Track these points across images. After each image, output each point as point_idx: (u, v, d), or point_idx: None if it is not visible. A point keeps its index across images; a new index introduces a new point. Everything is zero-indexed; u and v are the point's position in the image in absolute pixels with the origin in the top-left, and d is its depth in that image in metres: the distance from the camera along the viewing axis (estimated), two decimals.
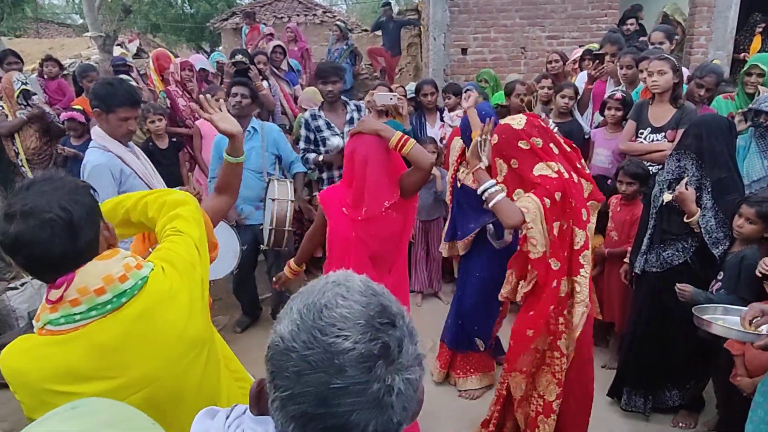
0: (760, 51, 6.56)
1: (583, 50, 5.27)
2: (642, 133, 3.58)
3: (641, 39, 5.60)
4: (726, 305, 2.34)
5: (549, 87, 4.52)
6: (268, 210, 3.33)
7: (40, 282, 4.19)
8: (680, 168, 2.78)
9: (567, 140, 2.51)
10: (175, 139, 4.65)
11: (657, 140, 3.51)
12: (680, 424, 3.01)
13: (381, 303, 0.75)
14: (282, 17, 13.54)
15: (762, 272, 2.36)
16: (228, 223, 3.42)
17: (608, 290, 3.53)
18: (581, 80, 4.74)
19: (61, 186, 1.23)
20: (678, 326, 2.74)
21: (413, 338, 0.76)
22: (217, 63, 6.28)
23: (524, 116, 2.39)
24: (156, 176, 2.86)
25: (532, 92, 4.39)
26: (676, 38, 5.36)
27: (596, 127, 4.27)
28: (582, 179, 2.44)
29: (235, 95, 3.80)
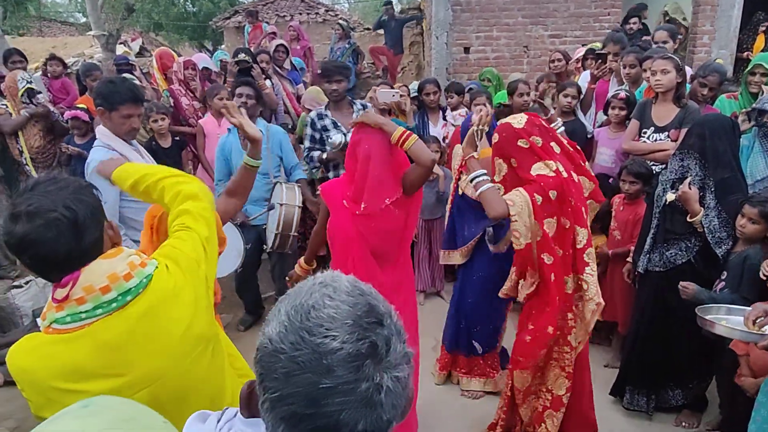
0: (764, 50, 6.53)
1: (586, 49, 5.26)
2: (645, 133, 3.58)
3: (644, 38, 5.59)
4: (729, 305, 2.35)
5: (545, 82, 4.51)
6: (275, 214, 3.33)
7: (44, 281, 4.22)
8: (683, 167, 2.78)
9: (571, 141, 2.52)
10: (178, 138, 4.66)
11: (660, 140, 3.51)
12: (683, 424, 3.01)
13: (368, 302, 0.75)
14: (284, 16, 13.54)
15: (766, 275, 2.36)
16: (232, 223, 3.42)
17: (611, 289, 3.52)
18: (584, 79, 4.74)
19: (65, 186, 1.24)
20: (681, 326, 2.74)
21: (401, 336, 0.77)
22: (221, 62, 6.28)
23: (525, 115, 2.39)
24: None
25: (549, 83, 4.35)
26: (679, 37, 5.35)
27: (599, 127, 4.27)
28: (584, 178, 2.45)
29: (241, 96, 3.80)
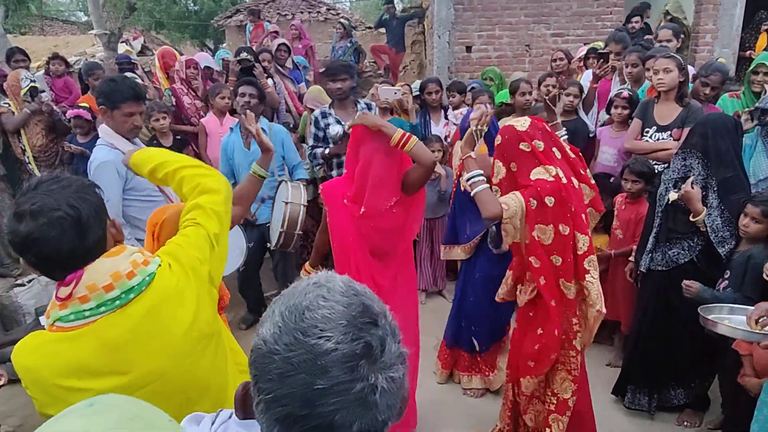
0: (766, 49, 6.51)
1: (588, 48, 5.26)
2: (647, 132, 3.57)
3: (646, 37, 5.59)
4: (732, 305, 2.35)
5: (553, 85, 4.51)
6: (280, 212, 3.34)
7: (47, 279, 4.21)
8: (686, 167, 2.78)
9: (573, 147, 2.51)
10: (180, 137, 4.66)
11: (662, 139, 3.50)
12: (685, 423, 3.01)
13: (363, 302, 0.75)
14: (286, 14, 13.52)
15: None
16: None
17: (613, 289, 3.52)
18: (586, 79, 4.73)
19: (68, 185, 1.25)
20: (683, 325, 2.74)
21: (396, 336, 0.76)
22: (223, 60, 6.28)
23: (529, 118, 2.39)
24: None
25: (561, 88, 4.34)
26: (681, 36, 5.34)
27: (601, 126, 4.27)
28: (584, 185, 2.44)
29: (244, 95, 3.81)
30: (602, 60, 4.61)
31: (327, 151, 3.91)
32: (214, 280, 1.46)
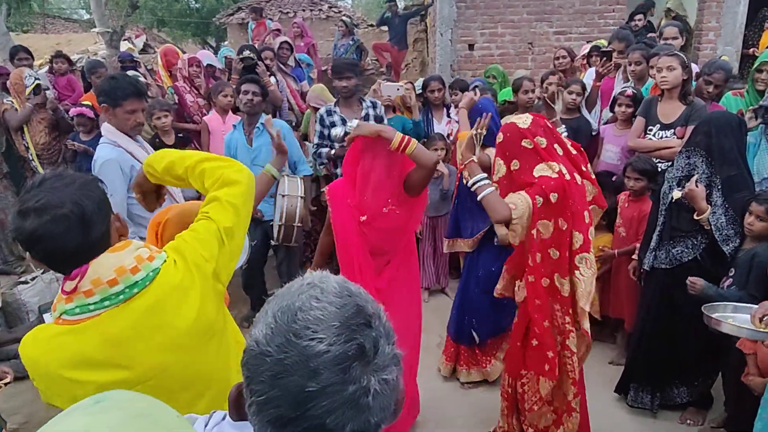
0: None
1: (591, 46, 5.24)
2: (651, 130, 3.56)
3: (649, 35, 5.57)
4: (736, 303, 2.34)
5: (556, 83, 4.50)
6: (278, 206, 3.34)
7: (50, 277, 4.23)
8: (690, 165, 2.77)
9: (574, 143, 2.51)
10: (182, 135, 4.66)
11: (666, 137, 3.49)
12: (688, 421, 3.00)
13: (356, 304, 0.74)
14: (288, 12, 13.49)
15: None
16: None
17: (616, 287, 3.52)
18: (589, 77, 4.72)
19: (72, 182, 1.26)
20: (687, 323, 2.73)
21: (390, 338, 0.75)
22: (226, 59, 6.28)
23: (530, 116, 2.39)
24: None
25: (560, 85, 4.34)
26: (685, 34, 5.33)
27: (605, 124, 4.26)
28: (586, 182, 2.44)
29: (247, 93, 3.81)
30: (605, 58, 4.60)
31: (333, 153, 3.91)
32: (221, 277, 1.46)
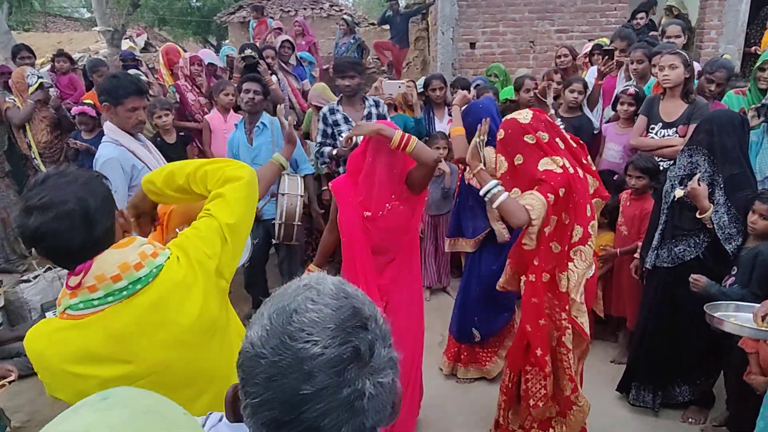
0: None
1: (593, 45, 5.23)
2: (653, 129, 3.56)
3: (651, 33, 5.56)
4: (738, 302, 2.34)
5: (558, 82, 4.50)
6: (279, 205, 3.35)
7: (53, 275, 4.23)
8: (692, 164, 2.77)
9: (573, 137, 2.51)
10: (183, 134, 4.66)
11: (668, 135, 3.49)
12: (690, 420, 3.00)
13: (353, 305, 0.73)
14: (289, 11, 13.48)
15: None
16: None
17: (618, 285, 3.52)
18: (591, 75, 4.71)
19: (75, 178, 1.27)
20: (689, 322, 2.73)
21: (386, 340, 0.75)
22: (227, 57, 6.28)
23: (530, 111, 2.38)
24: None
25: (549, 79, 4.35)
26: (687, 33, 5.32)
27: (607, 122, 4.26)
28: (588, 175, 2.44)
29: (248, 92, 3.81)
30: (607, 57, 4.59)
31: (335, 152, 3.92)
32: (224, 273, 1.47)
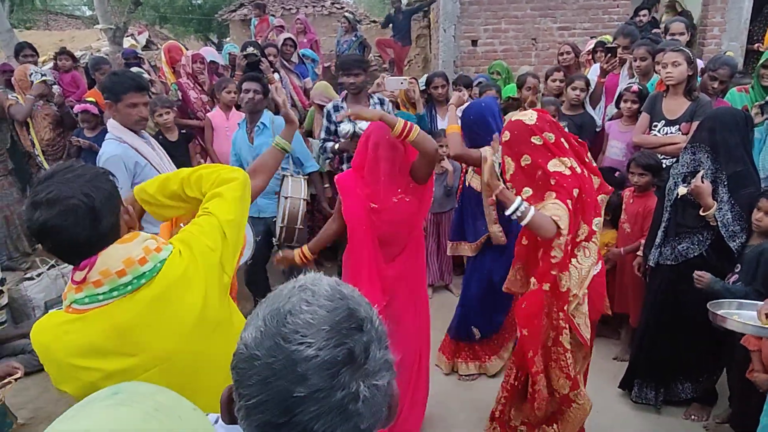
0: None
1: (595, 42, 5.22)
2: (656, 126, 3.55)
3: (654, 31, 5.54)
4: (741, 300, 2.34)
5: (560, 80, 4.49)
6: (281, 207, 3.34)
7: (56, 273, 4.24)
8: (695, 161, 2.76)
9: (573, 135, 2.50)
10: (185, 132, 4.67)
11: (671, 133, 3.48)
12: (692, 417, 3.00)
13: (348, 307, 0.72)
14: (290, 9, 13.48)
15: None
16: None
17: (621, 283, 3.52)
18: (594, 73, 4.70)
19: (82, 174, 1.29)
20: (692, 319, 2.73)
21: (382, 342, 0.74)
22: (230, 55, 6.27)
23: (534, 111, 2.37)
24: (171, 167, 2.89)
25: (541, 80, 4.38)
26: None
27: (610, 120, 4.25)
28: (590, 173, 2.44)
29: (248, 91, 3.80)
30: (610, 54, 4.58)
31: (337, 147, 3.92)
32: (225, 267, 1.49)
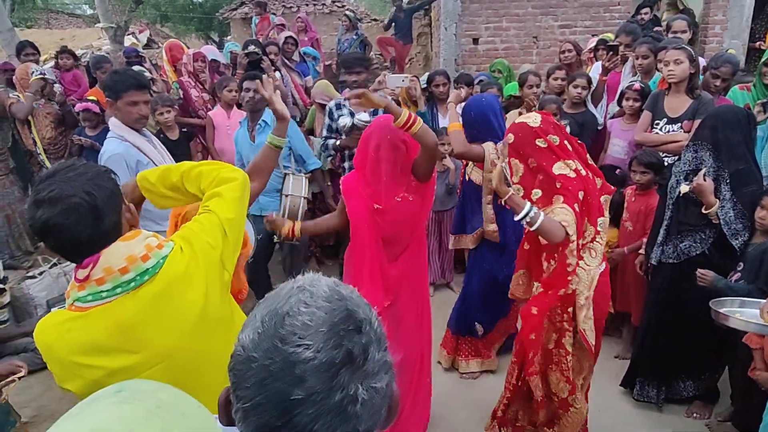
0: None
1: (597, 40, 5.22)
2: (658, 124, 3.55)
3: (656, 29, 5.53)
4: (743, 298, 2.34)
5: (563, 78, 4.48)
6: (282, 205, 3.35)
7: (58, 271, 4.23)
8: (697, 159, 2.76)
9: (573, 137, 2.50)
10: (186, 130, 4.67)
11: (673, 131, 3.48)
12: (694, 415, 3.00)
13: (347, 308, 0.72)
14: (291, 7, 13.47)
15: None
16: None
17: (623, 281, 3.52)
18: (595, 71, 4.70)
19: (84, 172, 1.29)
20: (694, 317, 2.73)
21: (381, 344, 0.73)
22: (231, 53, 6.27)
23: (538, 114, 2.37)
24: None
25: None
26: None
27: (611, 118, 4.25)
28: (593, 174, 2.44)
29: (248, 90, 3.80)
30: (611, 52, 4.57)
31: (338, 143, 3.92)
32: (226, 264, 1.49)
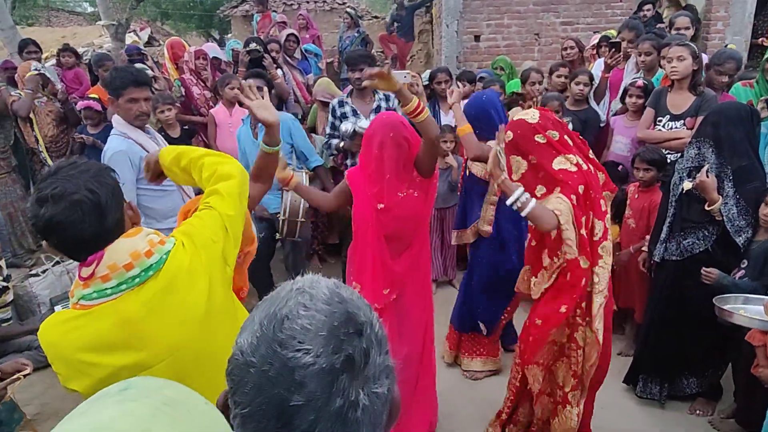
0: None
1: (600, 37, 5.20)
2: (660, 121, 3.54)
3: (659, 26, 5.52)
4: (746, 295, 2.34)
5: (565, 75, 4.47)
6: (283, 201, 3.35)
7: (61, 269, 4.24)
8: (700, 156, 2.76)
9: (575, 132, 2.49)
10: (187, 127, 4.66)
11: (676, 128, 3.48)
12: (697, 412, 3.00)
13: (347, 311, 0.70)
14: (292, 4, 13.45)
15: None
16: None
17: (626, 278, 3.51)
18: (598, 68, 4.69)
19: (87, 169, 1.29)
20: (697, 314, 2.72)
21: (382, 347, 0.72)
22: (233, 51, 6.27)
23: (537, 110, 2.36)
24: None
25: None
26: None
27: (614, 115, 4.24)
28: (596, 169, 2.43)
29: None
30: (614, 49, 4.56)
31: (342, 144, 3.92)
32: (228, 260, 1.50)
